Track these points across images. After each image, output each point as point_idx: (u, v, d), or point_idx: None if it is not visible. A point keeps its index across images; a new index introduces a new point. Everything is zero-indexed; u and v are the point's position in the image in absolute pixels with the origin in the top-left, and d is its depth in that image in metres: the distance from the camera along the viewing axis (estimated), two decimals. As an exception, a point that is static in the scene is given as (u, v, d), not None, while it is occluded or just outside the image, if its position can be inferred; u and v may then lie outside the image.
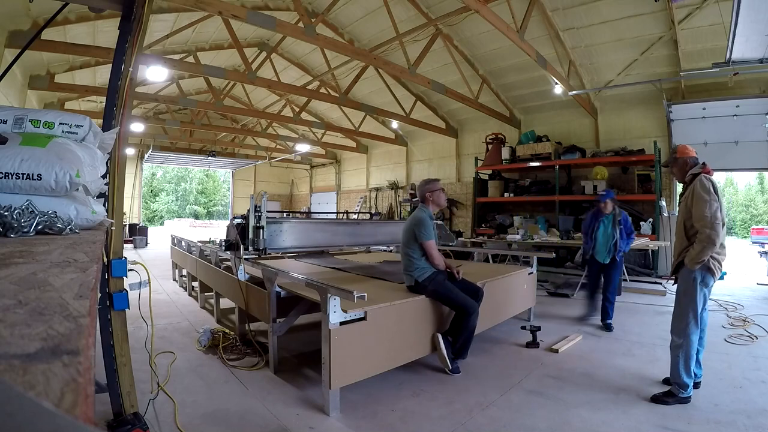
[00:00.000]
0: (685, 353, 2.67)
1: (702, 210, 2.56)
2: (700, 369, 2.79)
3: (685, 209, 2.70)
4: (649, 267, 7.62)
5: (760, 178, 30.83)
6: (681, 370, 2.66)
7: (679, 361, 2.67)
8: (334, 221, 6.65)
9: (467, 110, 10.33)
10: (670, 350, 2.79)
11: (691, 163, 2.83)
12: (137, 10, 2.32)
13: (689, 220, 2.67)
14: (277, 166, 19.66)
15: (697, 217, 2.59)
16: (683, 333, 2.69)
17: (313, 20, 6.71)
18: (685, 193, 2.77)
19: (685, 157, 2.85)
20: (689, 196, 2.68)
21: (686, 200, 2.70)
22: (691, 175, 2.76)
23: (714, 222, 2.54)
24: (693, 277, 2.66)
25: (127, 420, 2.13)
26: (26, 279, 0.54)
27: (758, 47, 4.97)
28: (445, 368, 3.12)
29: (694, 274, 2.65)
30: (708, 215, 2.54)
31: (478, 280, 3.58)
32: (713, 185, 2.67)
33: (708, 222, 2.54)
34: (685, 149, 2.89)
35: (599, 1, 6.69)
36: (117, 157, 2.26)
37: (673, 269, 2.82)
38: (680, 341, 2.70)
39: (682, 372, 2.65)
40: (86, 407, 0.24)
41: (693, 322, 2.68)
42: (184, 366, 3.25)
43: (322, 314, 2.48)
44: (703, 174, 2.72)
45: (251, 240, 3.91)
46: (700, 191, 2.60)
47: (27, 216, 1.16)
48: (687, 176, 2.80)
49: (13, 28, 5.67)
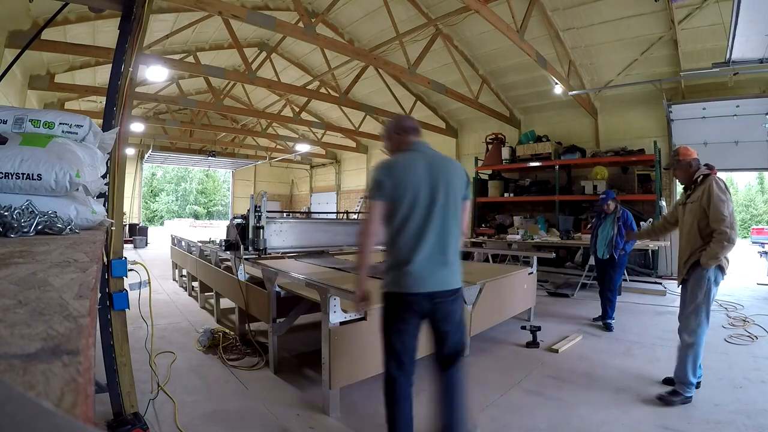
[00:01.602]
0: (695, 352, 2.68)
1: (721, 210, 2.60)
2: (700, 369, 2.79)
3: (699, 210, 2.70)
4: (649, 267, 7.62)
5: (760, 178, 30.85)
6: (688, 369, 2.66)
7: (688, 360, 2.68)
8: (334, 221, 6.65)
9: (467, 110, 10.33)
10: (678, 350, 2.78)
11: (695, 165, 2.85)
12: (137, 10, 2.32)
13: (703, 221, 2.68)
14: (277, 166, 19.66)
15: (715, 218, 2.61)
16: (695, 332, 2.69)
17: (313, 20, 6.71)
18: (694, 194, 2.77)
19: (689, 159, 2.86)
20: (704, 197, 2.69)
21: (700, 201, 2.71)
22: (701, 176, 2.78)
23: (733, 221, 2.59)
24: (707, 277, 2.67)
25: (127, 420, 2.13)
26: (26, 279, 0.54)
27: (758, 47, 4.97)
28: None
29: (708, 273, 2.67)
30: (726, 215, 2.58)
31: (478, 280, 3.57)
32: (726, 186, 2.72)
33: (728, 222, 2.58)
34: (687, 151, 2.90)
35: (599, 1, 6.69)
36: (117, 157, 2.26)
37: (687, 270, 2.81)
38: (691, 340, 2.70)
39: (689, 371, 2.66)
40: (86, 407, 0.24)
41: (705, 321, 2.70)
42: (184, 366, 3.25)
43: (322, 314, 2.48)
44: (715, 175, 2.75)
45: (251, 240, 3.91)
46: (718, 192, 2.63)
47: (27, 216, 1.16)
48: (695, 177, 2.81)
49: (13, 28, 5.66)
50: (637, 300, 5.89)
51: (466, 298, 3.39)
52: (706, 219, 2.67)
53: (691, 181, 2.83)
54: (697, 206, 2.72)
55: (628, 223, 4.61)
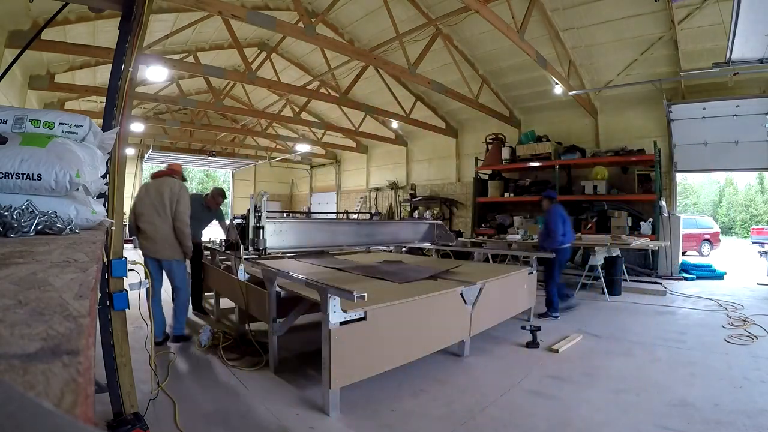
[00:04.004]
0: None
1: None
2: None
3: None
4: (649, 267, 7.62)
5: (760, 178, 30.78)
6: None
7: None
8: (334, 221, 6.66)
9: (467, 110, 10.32)
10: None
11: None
12: (137, 10, 2.32)
13: None
14: (277, 166, 19.64)
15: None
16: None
17: (313, 20, 6.71)
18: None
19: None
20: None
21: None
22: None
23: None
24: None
25: (127, 420, 2.12)
26: (26, 279, 0.54)
27: (758, 47, 4.97)
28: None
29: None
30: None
31: (478, 280, 3.58)
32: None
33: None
34: None
35: (599, 1, 6.69)
36: (117, 157, 2.26)
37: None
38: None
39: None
40: (86, 407, 0.24)
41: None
42: (184, 366, 3.25)
43: (322, 314, 2.48)
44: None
45: (251, 240, 3.91)
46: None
47: (27, 216, 1.16)
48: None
49: (13, 28, 5.67)
50: (637, 300, 5.89)
51: (466, 298, 3.39)
52: None
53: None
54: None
55: (549, 223, 5.12)
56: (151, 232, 3.69)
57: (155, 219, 3.68)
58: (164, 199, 3.69)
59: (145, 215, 3.71)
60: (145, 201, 3.75)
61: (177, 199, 3.71)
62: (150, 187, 3.84)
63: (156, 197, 3.71)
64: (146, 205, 3.74)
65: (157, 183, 3.83)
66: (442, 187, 12.56)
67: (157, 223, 3.68)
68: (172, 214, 3.70)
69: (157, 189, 3.75)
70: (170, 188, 3.74)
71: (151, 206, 3.70)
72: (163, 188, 3.73)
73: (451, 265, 4.54)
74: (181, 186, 3.83)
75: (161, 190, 3.73)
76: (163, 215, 3.68)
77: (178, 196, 3.72)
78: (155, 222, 3.68)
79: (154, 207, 3.69)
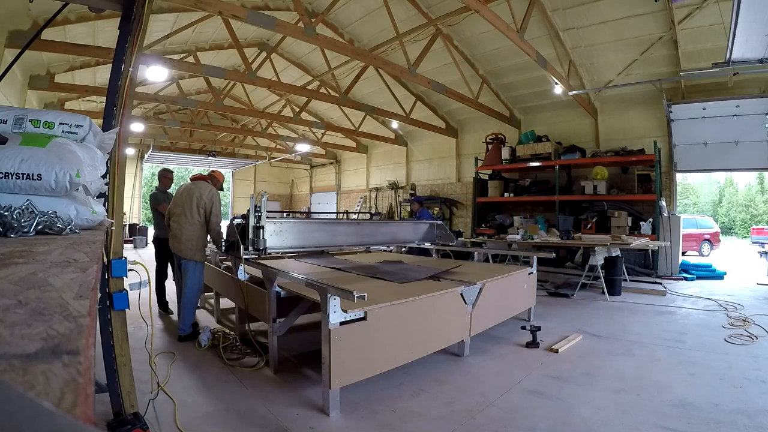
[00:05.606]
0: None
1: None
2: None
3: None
4: (649, 267, 7.62)
5: (760, 178, 30.77)
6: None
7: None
8: (334, 221, 6.65)
9: (467, 110, 10.33)
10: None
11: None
12: (137, 10, 2.32)
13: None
14: (277, 166, 19.65)
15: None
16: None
17: (313, 20, 6.71)
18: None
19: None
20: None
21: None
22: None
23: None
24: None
25: (127, 420, 2.12)
26: (26, 279, 0.54)
27: (758, 47, 4.97)
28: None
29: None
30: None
31: (478, 280, 3.58)
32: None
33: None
34: None
35: (599, 1, 6.69)
36: (117, 157, 2.26)
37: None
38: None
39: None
40: (86, 407, 0.24)
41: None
42: (184, 366, 3.25)
43: (322, 314, 2.48)
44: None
45: (251, 240, 3.91)
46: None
47: (27, 216, 1.16)
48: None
49: (13, 28, 5.67)
50: (637, 300, 5.88)
51: (466, 298, 3.39)
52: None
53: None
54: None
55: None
56: (177, 231, 3.94)
57: (182, 219, 3.93)
58: (192, 202, 3.93)
59: (175, 215, 3.99)
60: (178, 201, 4.04)
61: (209, 207, 3.97)
62: (184, 189, 4.09)
63: (186, 199, 3.97)
64: (177, 206, 4.01)
65: (191, 186, 4.08)
66: (442, 187, 12.56)
67: (183, 224, 3.91)
68: (199, 217, 3.94)
69: (189, 192, 4.00)
70: (200, 192, 3.97)
71: (181, 207, 3.96)
72: (194, 192, 3.98)
73: (451, 265, 4.53)
74: (211, 193, 4.03)
75: (192, 194, 3.97)
76: (189, 217, 3.91)
77: (208, 204, 3.97)
78: (181, 222, 3.93)
79: (183, 208, 3.95)
